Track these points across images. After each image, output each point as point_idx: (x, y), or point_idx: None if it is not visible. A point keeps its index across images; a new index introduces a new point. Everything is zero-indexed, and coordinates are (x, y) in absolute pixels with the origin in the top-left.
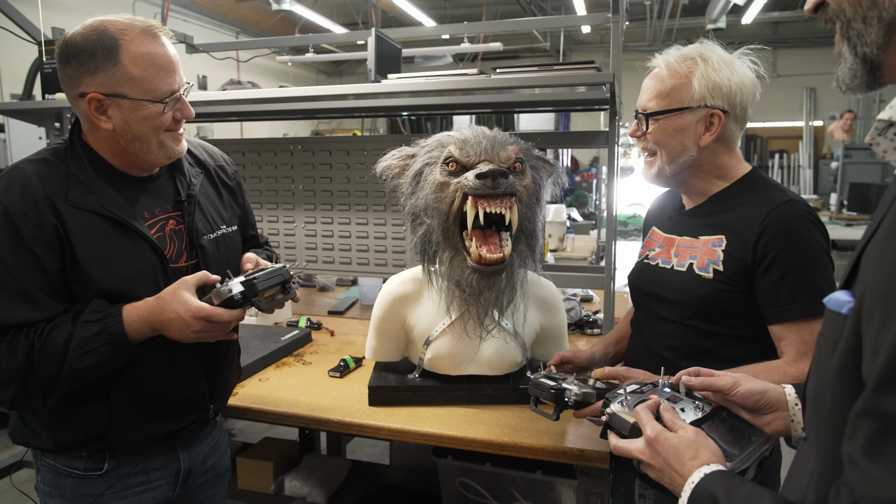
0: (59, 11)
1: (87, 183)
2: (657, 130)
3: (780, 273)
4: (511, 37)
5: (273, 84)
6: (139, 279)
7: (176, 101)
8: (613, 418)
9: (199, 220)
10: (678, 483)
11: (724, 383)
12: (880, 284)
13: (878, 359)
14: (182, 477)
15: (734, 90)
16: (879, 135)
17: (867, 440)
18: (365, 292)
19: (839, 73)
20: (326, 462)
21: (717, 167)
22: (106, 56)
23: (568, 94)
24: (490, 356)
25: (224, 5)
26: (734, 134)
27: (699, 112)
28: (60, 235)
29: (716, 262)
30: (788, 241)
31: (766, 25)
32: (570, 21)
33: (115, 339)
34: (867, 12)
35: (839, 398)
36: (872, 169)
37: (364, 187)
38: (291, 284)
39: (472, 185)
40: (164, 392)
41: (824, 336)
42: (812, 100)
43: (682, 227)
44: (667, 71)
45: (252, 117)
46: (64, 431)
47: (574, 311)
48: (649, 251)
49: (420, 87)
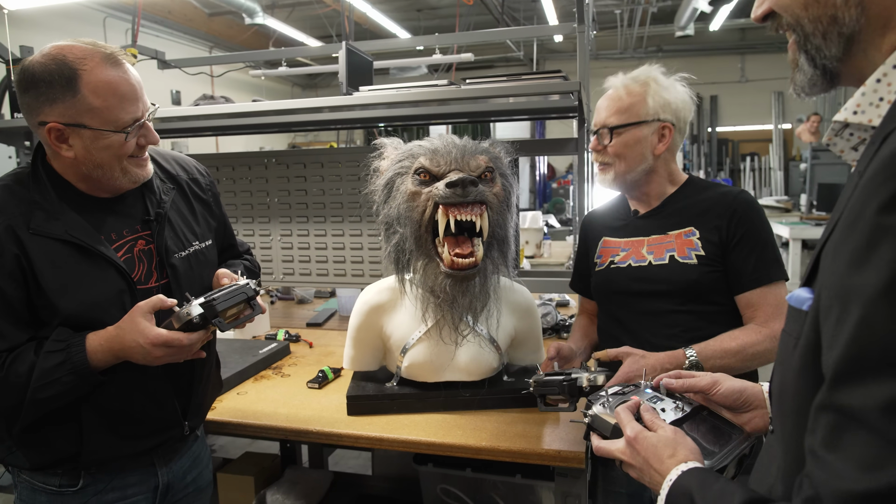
0: (28, 29)
1: (49, 209)
2: (618, 143)
3: (750, 247)
4: (484, 47)
5: (247, 98)
6: (105, 305)
7: (140, 127)
8: (595, 420)
9: (169, 239)
10: (657, 481)
11: (705, 384)
12: (835, 282)
13: (834, 354)
14: (161, 492)
15: (679, 106)
16: (836, 135)
17: (826, 432)
18: (343, 303)
19: (796, 80)
20: (308, 475)
21: (668, 172)
22: (65, 86)
23: (539, 103)
24: (466, 362)
25: (196, 20)
26: (677, 143)
27: (653, 125)
28: (23, 265)
29: (696, 248)
30: (753, 221)
31: (733, 32)
32: (539, 31)
33: (77, 368)
34: (827, 28)
35: (802, 393)
36: (840, 170)
37: (339, 199)
38: (256, 301)
39: (442, 195)
40: (134, 412)
41: (787, 332)
42: (780, 103)
43: (645, 228)
44: (624, 91)
45: (227, 132)
46: (38, 450)
47: (550, 315)
48: (612, 257)
49: (392, 99)
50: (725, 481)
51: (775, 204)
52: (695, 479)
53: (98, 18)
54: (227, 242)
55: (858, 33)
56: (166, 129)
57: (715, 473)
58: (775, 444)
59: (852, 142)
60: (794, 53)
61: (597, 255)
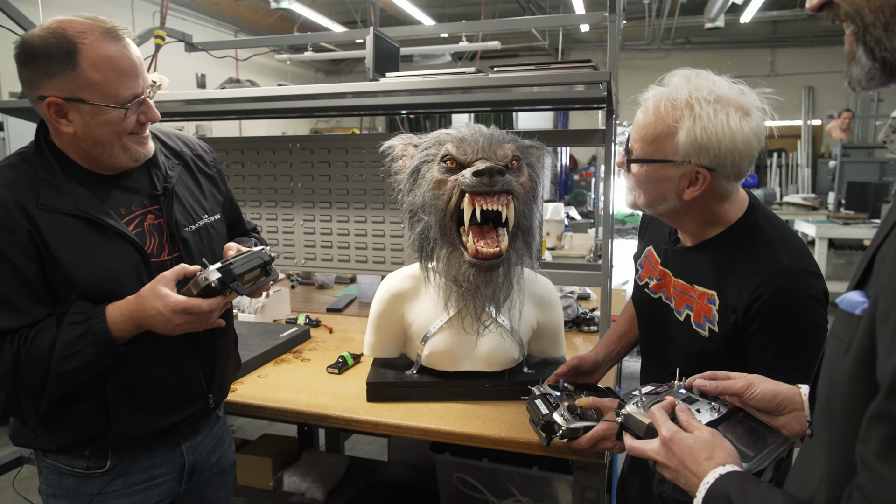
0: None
1: (56, 185)
2: (637, 175)
3: (763, 344)
4: (510, 35)
5: (272, 82)
6: (123, 276)
7: (140, 104)
8: (629, 419)
9: (178, 213)
10: (693, 483)
11: (739, 386)
12: (895, 288)
13: (893, 362)
14: (187, 472)
15: (724, 151)
16: (894, 132)
17: (881, 443)
18: (363, 290)
19: (853, 74)
20: (325, 458)
21: (707, 215)
22: (64, 60)
23: (565, 93)
24: (487, 352)
25: (223, 4)
26: (726, 188)
27: (683, 167)
28: (35, 240)
29: (711, 321)
30: (776, 317)
31: (764, 24)
32: (567, 20)
33: (99, 339)
34: (889, 19)
35: (852, 400)
36: (870, 168)
37: (362, 185)
38: (272, 266)
39: (468, 183)
40: (159, 386)
41: (836, 337)
42: (810, 99)
43: (677, 266)
44: (653, 115)
45: (251, 116)
46: (64, 431)
47: (571, 308)
48: (648, 279)
49: (418, 86)
50: (766, 486)
51: (802, 202)
52: (733, 482)
53: (126, 1)
54: (234, 219)
55: None
56: (192, 112)
57: (754, 477)
58: (817, 450)
59: None
60: (850, 45)
61: (640, 262)
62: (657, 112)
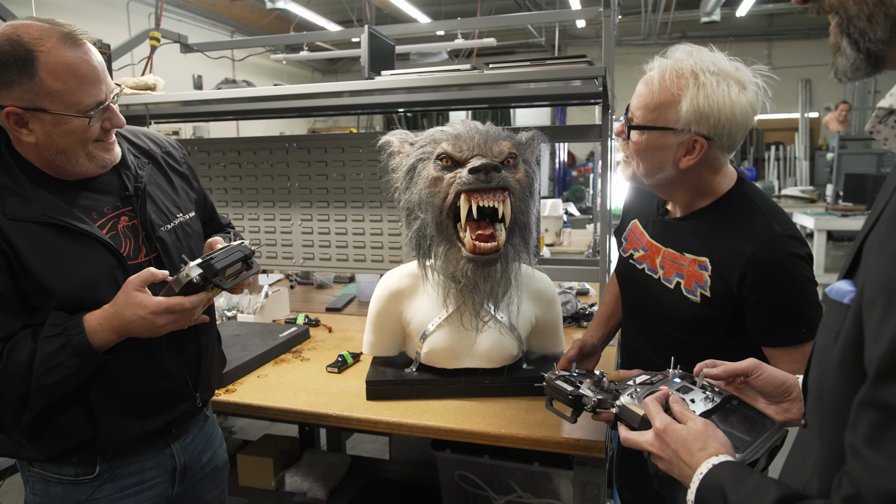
0: (54, 12)
1: (22, 193)
2: (637, 143)
3: (767, 310)
4: (506, 32)
5: (268, 82)
6: (98, 282)
7: (104, 111)
8: (623, 410)
9: (152, 213)
10: (687, 474)
11: (747, 366)
12: (882, 276)
13: (878, 349)
14: (179, 474)
15: (723, 120)
16: (880, 122)
17: (869, 429)
18: (362, 288)
19: (838, 65)
20: (326, 458)
21: (699, 185)
22: (21, 68)
23: (562, 89)
24: (486, 349)
25: (218, 4)
26: (719, 158)
27: (682, 135)
28: (5, 250)
29: (703, 286)
30: (772, 281)
31: (760, 17)
32: (563, 16)
33: (79, 350)
34: (873, 10)
35: (841, 387)
36: (868, 159)
37: (360, 184)
38: (253, 259)
39: (465, 181)
40: (145, 388)
41: (826, 326)
42: (807, 91)
43: (667, 236)
44: (658, 84)
45: (248, 116)
46: (51, 442)
47: (570, 303)
48: (633, 250)
49: (414, 84)
50: (759, 475)
51: (800, 194)
52: (727, 472)
53: (121, 2)
54: (209, 216)
55: None
56: (189, 113)
57: (747, 467)
58: (811, 438)
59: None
60: (835, 37)
61: (624, 235)
62: (662, 81)
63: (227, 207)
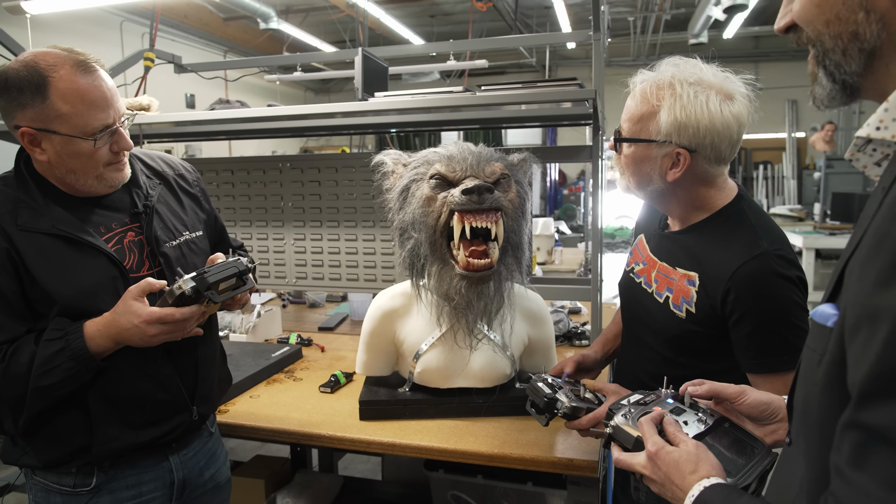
0: (48, 32)
1: (35, 207)
2: (627, 155)
3: (748, 331)
4: (497, 53)
5: (261, 102)
6: (99, 291)
7: (112, 133)
8: (617, 431)
9: (158, 229)
10: (679, 497)
11: (732, 392)
12: (862, 301)
13: (860, 372)
14: (177, 488)
15: (703, 131)
16: (859, 151)
17: (852, 451)
18: (355, 308)
19: (815, 93)
20: (318, 479)
21: (692, 199)
22: (34, 92)
23: (553, 110)
24: (479, 368)
25: (212, 24)
26: (709, 171)
27: (665, 147)
28: (14, 258)
29: (689, 302)
30: (755, 301)
31: (747, 40)
32: (553, 38)
33: (77, 354)
34: (847, 45)
35: (826, 409)
36: (854, 179)
37: (353, 203)
38: (249, 276)
39: (458, 201)
40: (140, 397)
41: (810, 348)
42: (794, 111)
43: (663, 250)
44: (640, 96)
45: (241, 136)
46: (49, 447)
47: (562, 322)
48: (635, 264)
49: (406, 105)
50: (750, 497)
51: (788, 213)
52: (717, 495)
53: (115, 22)
54: (219, 237)
55: (880, 48)
56: (182, 133)
57: (738, 489)
58: (797, 457)
59: (875, 157)
60: (813, 67)
61: (630, 250)
62: (643, 94)
63: None
